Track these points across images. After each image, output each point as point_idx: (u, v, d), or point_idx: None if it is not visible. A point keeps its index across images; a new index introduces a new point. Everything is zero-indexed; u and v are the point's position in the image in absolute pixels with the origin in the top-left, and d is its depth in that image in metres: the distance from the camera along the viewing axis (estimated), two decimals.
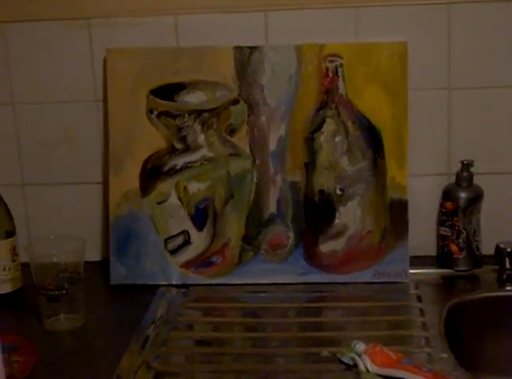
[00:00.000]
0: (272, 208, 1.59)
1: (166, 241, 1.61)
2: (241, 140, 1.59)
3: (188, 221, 1.60)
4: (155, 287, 1.58)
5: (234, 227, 1.60)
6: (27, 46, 1.65)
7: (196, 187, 1.59)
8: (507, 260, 1.54)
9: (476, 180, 1.58)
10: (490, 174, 1.62)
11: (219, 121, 1.58)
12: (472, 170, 1.58)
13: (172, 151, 1.60)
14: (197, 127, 1.59)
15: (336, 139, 1.57)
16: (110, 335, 1.42)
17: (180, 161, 1.59)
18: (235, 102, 1.58)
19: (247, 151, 1.59)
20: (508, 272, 1.54)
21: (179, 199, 1.59)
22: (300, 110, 1.57)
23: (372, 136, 1.56)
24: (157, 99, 1.60)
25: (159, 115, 1.59)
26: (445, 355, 1.28)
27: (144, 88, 1.60)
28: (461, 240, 1.58)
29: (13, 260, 1.53)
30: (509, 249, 1.54)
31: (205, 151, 1.59)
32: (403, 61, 1.55)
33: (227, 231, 1.60)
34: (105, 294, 1.61)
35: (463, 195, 1.57)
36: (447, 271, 1.60)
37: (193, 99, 1.59)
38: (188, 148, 1.59)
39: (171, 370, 1.30)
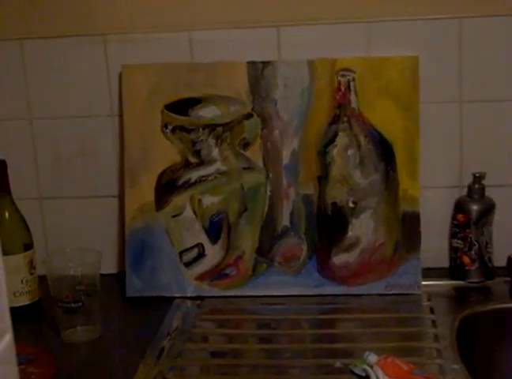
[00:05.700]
0: (285, 220, 1.60)
1: (181, 253, 1.62)
2: (254, 153, 1.60)
3: (202, 234, 1.61)
4: (170, 300, 1.59)
5: (248, 240, 1.61)
6: (43, 62, 1.68)
7: (210, 200, 1.60)
8: None
9: (488, 192, 1.59)
10: (502, 187, 1.62)
11: (232, 135, 1.60)
12: (483, 182, 1.58)
13: (187, 165, 1.61)
14: (211, 141, 1.60)
15: (349, 152, 1.58)
16: (126, 346, 1.44)
17: (194, 175, 1.61)
18: (249, 116, 1.60)
19: (261, 164, 1.60)
20: None
21: (194, 212, 1.61)
22: (313, 124, 1.59)
23: (384, 150, 1.57)
24: (172, 114, 1.61)
25: (173, 130, 1.61)
26: (457, 366, 1.28)
27: (159, 102, 1.61)
28: (473, 252, 1.58)
29: (31, 273, 1.55)
30: None
31: (218, 165, 1.60)
32: (414, 75, 1.56)
33: (241, 244, 1.61)
34: (121, 307, 1.62)
35: (475, 207, 1.58)
36: (459, 282, 1.60)
37: (207, 113, 1.61)
38: (202, 162, 1.61)
39: None
